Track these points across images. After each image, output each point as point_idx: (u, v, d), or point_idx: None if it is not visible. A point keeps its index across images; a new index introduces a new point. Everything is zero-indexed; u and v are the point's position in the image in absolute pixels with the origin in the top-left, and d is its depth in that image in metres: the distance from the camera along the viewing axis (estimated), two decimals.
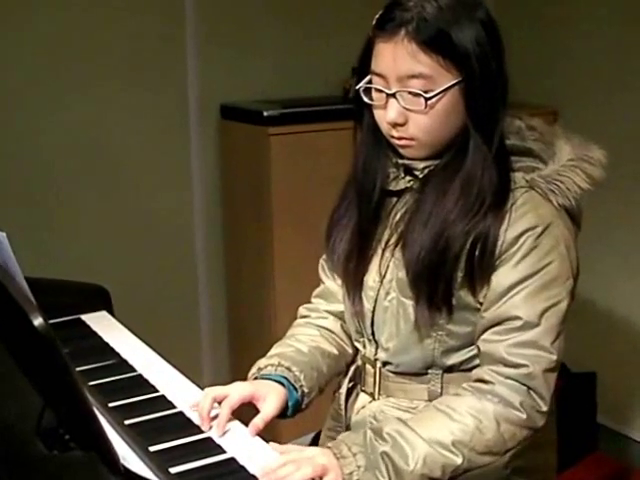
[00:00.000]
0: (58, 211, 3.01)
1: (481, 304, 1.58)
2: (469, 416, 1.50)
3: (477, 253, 1.55)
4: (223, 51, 3.16)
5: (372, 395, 1.73)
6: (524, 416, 1.51)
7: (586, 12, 3.27)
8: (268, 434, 1.59)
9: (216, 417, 1.58)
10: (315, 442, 1.84)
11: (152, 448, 1.46)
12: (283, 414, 1.67)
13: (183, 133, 3.16)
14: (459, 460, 1.48)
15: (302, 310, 1.91)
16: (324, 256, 1.84)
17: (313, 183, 2.80)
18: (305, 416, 1.75)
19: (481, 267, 1.55)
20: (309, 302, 1.92)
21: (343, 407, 1.78)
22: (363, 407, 1.73)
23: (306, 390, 1.69)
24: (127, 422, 1.56)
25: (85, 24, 2.94)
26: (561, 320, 1.55)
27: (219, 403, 1.60)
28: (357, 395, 1.77)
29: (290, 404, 1.66)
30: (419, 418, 1.54)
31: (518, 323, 1.53)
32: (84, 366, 1.85)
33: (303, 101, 3.06)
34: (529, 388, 1.51)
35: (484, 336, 1.56)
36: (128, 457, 1.40)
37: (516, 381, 1.51)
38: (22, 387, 1.39)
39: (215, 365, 3.27)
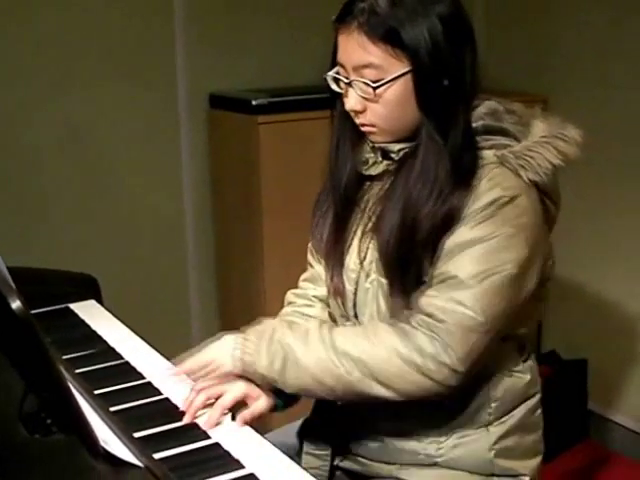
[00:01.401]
0: (48, 201, 3.00)
1: None
2: (383, 348, 1.55)
3: (441, 232, 1.56)
4: (212, 40, 3.16)
5: None
6: (433, 368, 1.53)
7: (574, 1, 3.27)
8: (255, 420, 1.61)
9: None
10: (304, 428, 1.85)
11: (137, 434, 1.47)
12: (274, 409, 1.68)
13: (172, 122, 3.16)
14: (356, 375, 1.54)
15: (289, 296, 1.92)
16: (311, 240, 1.85)
17: (302, 171, 2.80)
18: None
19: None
20: (297, 287, 1.94)
21: None
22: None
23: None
24: (112, 409, 1.57)
25: (70, 16, 2.93)
26: (500, 288, 1.54)
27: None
28: None
29: (281, 401, 1.67)
30: (344, 329, 1.65)
31: (455, 281, 1.54)
32: (72, 354, 1.86)
33: (292, 90, 3.06)
34: (447, 344, 1.53)
35: (425, 289, 1.59)
36: (113, 443, 1.40)
37: (436, 334, 1.53)
38: (5, 372, 1.39)
39: None
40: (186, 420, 1.56)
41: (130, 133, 3.10)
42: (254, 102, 2.92)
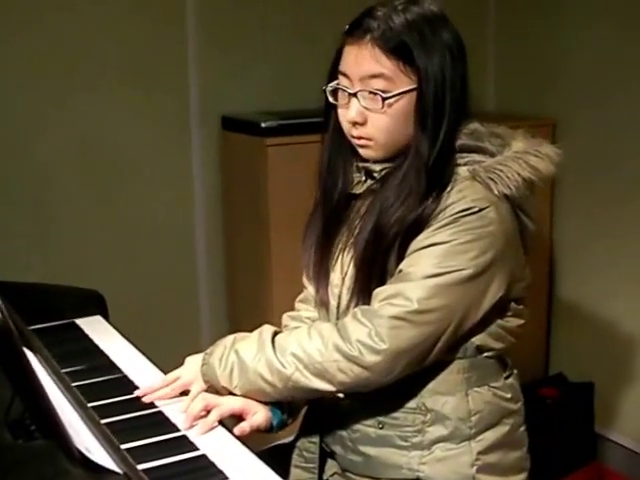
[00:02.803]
0: (57, 216, 3.04)
1: None
2: (320, 342, 1.61)
3: (407, 240, 1.61)
4: (225, 62, 3.21)
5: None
6: (355, 353, 1.57)
7: (581, 25, 3.30)
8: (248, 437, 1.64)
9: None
10: (286, 446, 1.89)
11: (124, 445, 1.51)
12: (269, 429, 1.71)
13: (185, 144, 3.21)
14: (296, 371, 1.60)
15: (285, 319, 1.97)
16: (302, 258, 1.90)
17: (307, 191, 2.83)
18: None
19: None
20: (293, 309, 1.98)
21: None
22: (335, 399, 1.78)
23: (292, 407, 1.75)
24: (104, 421, 1.61)
25: (86, 38, 2.98)
26: (448, 286, 1.58)
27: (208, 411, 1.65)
28: None
29: (275, 423, 1.71)
30: (297, 331, 1.70)
31: (401, 274, 1.60)
32: (72, 367, 1.90)
33: (301, 113, 3.11)
34: (372, 327, 1.57)
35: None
36: (96, 451, 1.44)
37: (366, 319, 1.58)
38: None
39: None
40: (182, 420, 1.61)
41: (144, 152, 3.15)
42: (263, 124, 2.98)
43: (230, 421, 1.67)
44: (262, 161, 2.96)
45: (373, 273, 1.65)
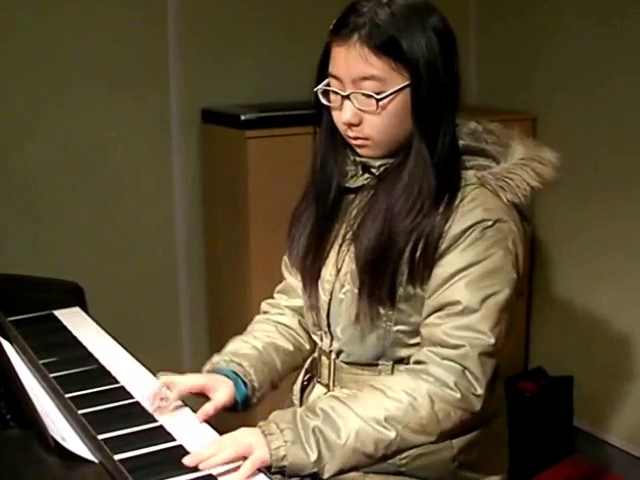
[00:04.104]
0: (38, 210, 3.04)
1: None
2: (403, 393, 1.53)
3: (420, 248, 1.59)
4: (205, 56, 3.21)
5: (327, 387, 1.77)
6: (458, 395, 1.53)
7: (563, 21, 3.31)
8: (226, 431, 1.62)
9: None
10: None
11: (101, 435, 1.50)
12: (234, 408, 1.70)
13: (165, 137, 3.20)
14: (392, 435, 1.50)
15: (264, 305, 1.96)
16: (287, 253, 1.89)
17: (288, 184, 2.81)
18: (264, 412, 1.78)
19: (423, 262, 1.60)
20: (272, 297, 1.98)
21: (298, 399, 1.83)
22: (318, 398, 1.76)
23: (256, 385, 1.73)
24: (81, 411, 1.60)
25: (67, 30, 2.97)
26: (501, 308, 1.57)
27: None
28: (313, 387, 1.82)
29: (239, 398, 1.70)
30: (354, 395, 1.57)
31: (458, 308, 1.56)
32: (50, 358, 1.89)
33: (281, 106, 3.11)
34: (464, 368, 1.54)
35: (426, 321, 1.61)
36: (71, 440, 1.44)
37: (451, 361, 1.54)
38: None
39: (195, 362, 3.30)
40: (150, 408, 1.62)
41: (124, 145, 3.14)
42: (243, 117, 2.97)
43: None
44: (242, 153, 2.96)
45: (384, 280, 1.61)
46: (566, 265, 3.42)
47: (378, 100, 1.58)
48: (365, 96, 1.58)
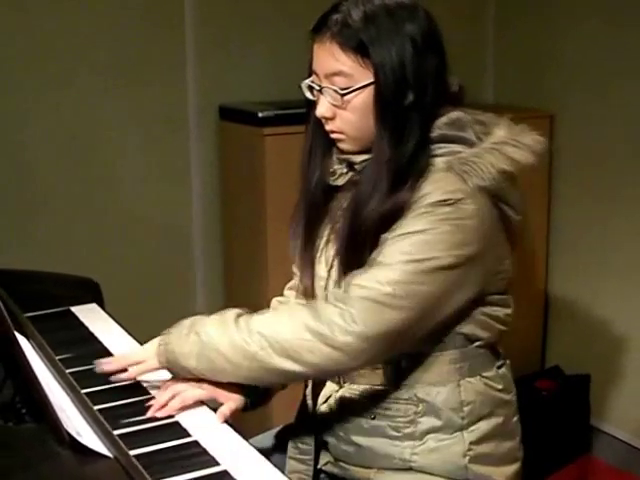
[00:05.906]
0: (54, 206, 3.06)
1: None
2: (294, 324, 1.58)
3: (384, 229, 1.61)
4: (223, 52, 3.22)
5: (338, 383, 1.78)
6: (339, 338, 1.54)
7: (579, 18, 3.31)
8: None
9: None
10: (281, 435, 1.89)
11: (117, 431, 1.51)
12: (245, 408, 1.71)
13: (182, 133, 3.21)
14: (266, 351, 1.56)
15: (274, 302, 1.98)
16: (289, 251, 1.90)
17: None
18: (274, 409, 1.79)
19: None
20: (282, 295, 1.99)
21: (310, 396, 1.84)
22: (330, 395, 1.78)
23: (259, 396, 1.74)
24: (97, 407, 1.61)
25: (84, 26, 2.99)
26: (424, 274, 1.56)
27: None
28: (324, 383, 1.82)
29: (249, 399, 1.70)
30: (265, 313, 1.67)
31: (378, 264, 1.58)
32: (66, 354, 1.90)
33: (299, 103, 3.09)
34: (345, 310, 1.55)
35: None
36: (86, 435, 1.44)
37: (338, 300, 1.57)
38: None
39: None
40: (150, 414, 1.60)
41: (142, 141, 3.16)
42: (260, 114, 2.98)
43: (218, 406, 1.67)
44: (259, 151, 2.97)
45: (353, 266, 1.63)
46: (582, 265, 3.41)
47: (342, 95, 1.62)
48: (334, 91, 1.63)
